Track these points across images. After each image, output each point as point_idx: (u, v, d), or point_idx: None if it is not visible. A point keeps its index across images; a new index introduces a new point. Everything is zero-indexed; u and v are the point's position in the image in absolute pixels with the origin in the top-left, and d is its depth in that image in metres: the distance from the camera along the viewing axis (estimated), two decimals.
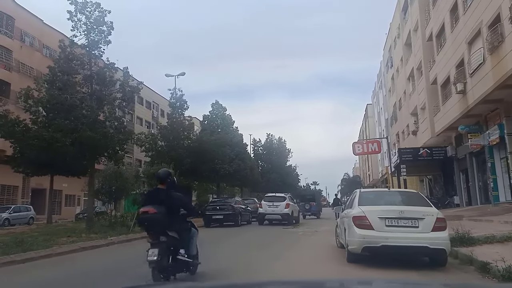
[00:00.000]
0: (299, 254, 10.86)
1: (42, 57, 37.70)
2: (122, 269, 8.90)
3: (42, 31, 39.47)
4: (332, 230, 19.72)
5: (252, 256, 10.50)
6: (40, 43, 39.57)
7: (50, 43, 37.39)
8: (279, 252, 11.17)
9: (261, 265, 8.95)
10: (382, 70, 51.88)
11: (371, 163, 69.11)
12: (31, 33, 38.33)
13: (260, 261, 9.45)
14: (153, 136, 24.38)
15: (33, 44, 38.67)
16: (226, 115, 32.16)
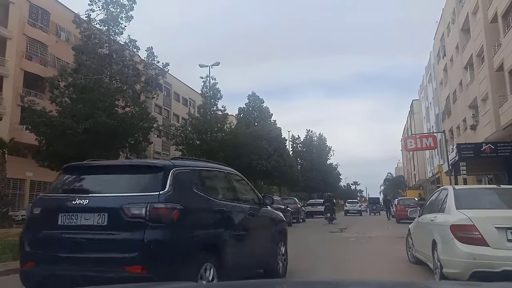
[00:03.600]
0: (363, 272, 7.85)
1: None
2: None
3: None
4: (388, 236, 16.68)
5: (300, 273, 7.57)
6: (76, 37, 38.53)
7: None
8: (336, 267, 8.29)
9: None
10: (432, 61, 47.52)
11: (417, 162, 64.37)
12: (67, 27, 37.25)
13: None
14: (183, 128, 22.16)
15: (68, 39, 37.59)
16: (263, 107, 29.43)
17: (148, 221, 4.02)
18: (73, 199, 4.28)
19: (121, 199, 4.15)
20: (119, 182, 4.57)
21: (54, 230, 4.29)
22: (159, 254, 4.02)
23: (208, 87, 22.15)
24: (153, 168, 4.59)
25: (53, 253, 4.20)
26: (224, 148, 21.33)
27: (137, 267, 3.92)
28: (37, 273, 4.28)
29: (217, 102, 22.45)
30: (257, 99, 29.36)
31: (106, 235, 4.11)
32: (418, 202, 22.63)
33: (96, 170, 4.93)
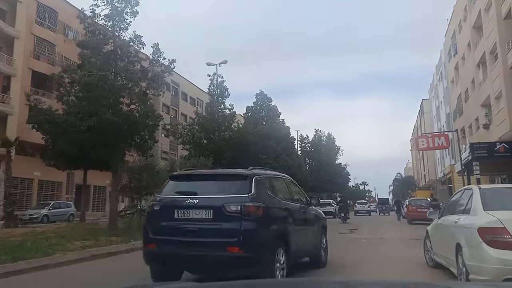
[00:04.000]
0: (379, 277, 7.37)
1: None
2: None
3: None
4: (401, 237, 16.12)
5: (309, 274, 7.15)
6: (84, 37, 38.44)
7: None
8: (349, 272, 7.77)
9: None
10: (443, 59, 46.68)
11: (427, 162, 63.44)
12: (74, 26, 37.09)
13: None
14: (190, 127, 21.76)
15: (76, 38, 37.40)
16: (271, 106, 28.86)
17: (242, 215, 5.50)
18: (185, 199, 5.82)
19: (222, 199, 5.66)
20: (218, 186, 6.13)
21: (171, 222, 5.80)
22: (251, 239, 5.47)
23: (215, 85, 21.76)
24: (241, 176, 6.07)
25: (171, 238, 5.74)
26: (232, 147, 20.90)
27: (236, 248, 5.41)
28: (158, 253, 5.87)
29: (225, 101, 22.10)
30: (265, 97, 28.84)
31: (211, 225, 5.62)
32: (430, 203, 21.98)
33: (197, 177, 6.66)
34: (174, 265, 5.99)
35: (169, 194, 6.19)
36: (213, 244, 5.54)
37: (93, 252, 10.14)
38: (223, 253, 5.46)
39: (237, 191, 5.78)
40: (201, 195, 5.82)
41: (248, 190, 5.74)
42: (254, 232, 5.54)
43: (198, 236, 5.64)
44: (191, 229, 5.68)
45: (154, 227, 5.98)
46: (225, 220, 5.56)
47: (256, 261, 5.46)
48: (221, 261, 5.52)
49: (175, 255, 5.74)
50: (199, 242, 5.62)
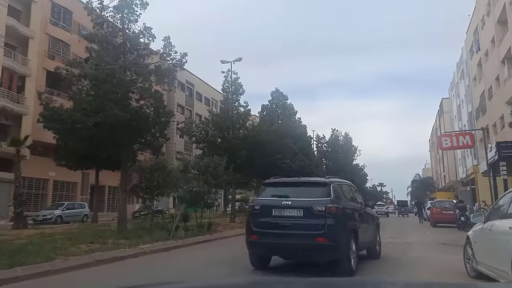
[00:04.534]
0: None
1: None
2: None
3: None
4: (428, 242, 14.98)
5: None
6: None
7: None
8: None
9: None
10: (464, 57, 44.99)
11: (447, 163, 61.53)
12: (89, 26, 36.85)
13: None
14: (204, 125, 20.94)
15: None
16: (287, 104, 27.82)
17: (326, 214, 6.93)
18: (281, 201, 7.28)
19: (310, 201, 7.11)
20: (305, 191, 7.61)
21: (269, 218, 7.25)
22: (333, 231, 6.86)
23: (229, 82, 20.91)
24: (322, 183, 7.71)
25: (270, 231, 7.19)
26: (247, 146, 20.02)
27: (322, 238, 6.80)
28: (259, 242, 7.36)
29: (239, 98, 21.22)
30: (280, 95, 27.82)
31: (302, 221, 7.04)
32: (457, 205, 20.72)
33: (288, 184, 8.15)
34: (272, 252, 7.77)
35: (266, 197, 7.77)
36: (304, 235, 7.06)
37: (97, 256, 9.36)
38: (312, 242, 6.99)
39: (320, 195, 7.32)
40: (292, 198, 7.35)
41: (329, 194, 7.32)
42: (335, 226, 7.03)
43: (292, 229, 7.14)
44: (286, 224, 7.18)
45: (256, 222, 7.50)
46: (313, 217, 7.05)
47: (337, 248, 6.99)
48: (310, 249, 7.14)
49: (273, 244, 7.33)
50: (293, 234, 7.13)
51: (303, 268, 7.73)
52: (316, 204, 7.09)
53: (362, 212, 8.63)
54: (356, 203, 8.59)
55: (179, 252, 11.61)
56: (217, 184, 18.10)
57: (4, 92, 29.15)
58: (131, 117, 11.77)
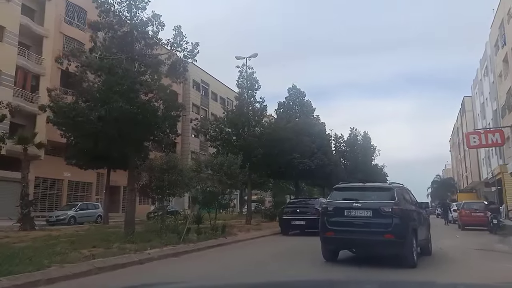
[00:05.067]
0: None
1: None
2: None
3: None
4: (463, 247, 13.44)
5: None
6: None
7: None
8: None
9: None
10: (488, 52, 42.93)
11: (470, 163, 59.18)
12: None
13: None
14: (218, 122, 19.85)
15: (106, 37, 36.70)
16: (305, 101, 26.47)
17: (393, 214, 8.15)
18: (352, 203, 8.46)
19: (378, 204, 8.35)
20: (372, 195, 8.83)
21: (342, 218, 8.45)
22: (399, 229, 8.07)
23: (244, 77, 19.79)
24: (387, 188, 9.20)
25: (343, 228, 8.36)
26: (263, 143, 18.87)
27: (390, 235, 8.02)
28: (334, 237, 8.58)
29: (255, 94, 20.06)
30: (298, 92, 26.48)
31: (371, 221, 8.20)
32: (488, 207, 19.16)
33: (356, 189, 9.47)
34: (346, 246, 8.96)
35: (338, 200, 8.86)
36: (374, 232, 8.04)
37: (98, 263, 8.30)
38: (381, 238, 8.01)
39: (386, 198, 8.41)
40: (362, 201, 8.43)
41: (393, 197, 8.41)
42: (401, 225, 8.06)
43: (363, 227, 8.12)
44: (357, 223, 8.20)
45: (330, 221, 8.55)
46: (381, 217, 8.10)
47: (402, 244, 7.97)
48: (379, 244, 8.15)
49: (347, 239, 8.43)
50: (364, 231, 8.11)
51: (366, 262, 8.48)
52: (383, 206, 8.23)
53: (418, 213, 9.76)
54: (414, 205, 9.77)
55: (189, 258, 10.52)
56: (232, 184, 17.04)
57: (18, 91, 28.65)
58: (137, 111, 10.74)
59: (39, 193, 32.24)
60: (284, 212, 16.90)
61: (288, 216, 16.53)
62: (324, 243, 8.88)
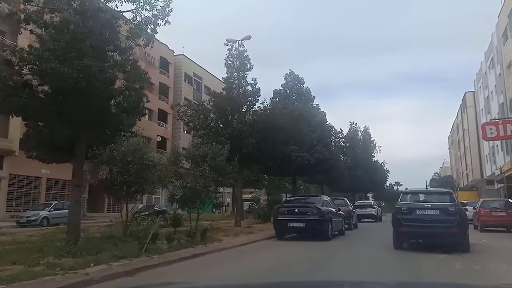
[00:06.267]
0: None
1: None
2: None
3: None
4: (502, 253, 10.68)
5: None
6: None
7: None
8: None
9: None
10: (495, 43, 40.05)
11: (471, 160, 56.38)
12: None
13: None
14: (202, 107, 16.61)
15: None
16: (303, 89, 23.37)
17: (456, 212, 10.32)
18: (423, 205, 10.75)
19: (444, 205, 10.56)
20: (437, 197, 11.26)
21: (414, 216, 10.48)
22: (461, 224, 10.25)
23: (234, 55, 16.70)
24: (448, 192, 11.76)
25: (416, 224, 10.33)
26: (255, 132, 15.82)
27: (455, 229, 10.03)
28: (409, 231, 10.62)
29: (246, 75, 16.95)
30: (296, 78, 23.24)
31: (439, 217, 10.28)
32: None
33: (423, 192, 12.36)
34: (418, 237, 11.01)
35: (410, 202, 11.18)
36: (441, 227, 10.24)
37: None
38: (447, 231, 10.17)
39: (448, 200, 10.86)
40: (430, 202, 10.87)
41: (453, 200, 11.04)
42: (462, 221, 10.47)
43: (433, 223, 10.29)
44: (427, 219, 10.36)
45: (404, 218, 10.64)
46: (447, 215, 10.34)
47: (463, 235, 10.25)
48: (446, 235, 10.25)
49: (418, 232, 10.62)
50: (434, 225, 10.29)
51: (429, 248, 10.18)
52: (449, 206, 10.52)
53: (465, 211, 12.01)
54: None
55: (149, 276, 7.45)
56: (219, 179, 14.00)
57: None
58: (79, 77, 7.68)
59: (14, 191, 29.11)
60: (280, 212, 13.81)
61: (284, 217, 13.45)
62: (399, 235, 10.91)
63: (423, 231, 10.40)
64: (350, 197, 38.24)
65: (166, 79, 45.95)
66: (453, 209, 10.35)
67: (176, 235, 11.30)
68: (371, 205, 28.91)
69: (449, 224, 10.10)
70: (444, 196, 11.23)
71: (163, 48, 47.38)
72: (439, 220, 10.23)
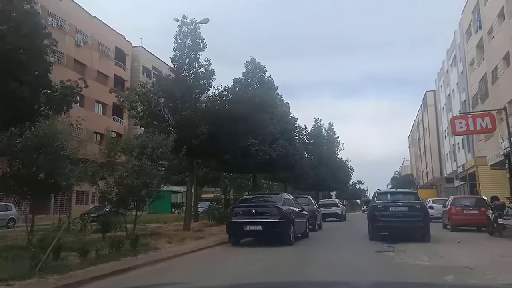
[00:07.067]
0: None
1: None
2: None
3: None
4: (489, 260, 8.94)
5: None
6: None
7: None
8: None
9: None
10: (458, 41, 39.77)
11: (431, 159, 56.60)
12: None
13: None
14: (145, 90, 13.95)
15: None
16: (266, 78, 21.35)
17: (421, 209, 12.79)
18: (395, 203, 12.86)
19: (411, 202, 12.83)
20: (405, 196, 13.53)
21: (388, 212, 12.59)
22: (425, 218, 12.72)
23: (185, 33, 14.28)
24: (413, 192, 15.27)
25: (389, 219, 12.34)
26: (209, 121, 13.53)
27: (421, 223, 12.23)
28: (384, 226, 12.43)
29: (199, 55, 14.59)
30: (257, 66, 20.96)
31: (408, 213, 12.40)
32: (494, 204, 14.85)
33: (394, 193, 14.62)
34: (390, 230, 12.43)
35: (384, 200, 13.24)
36: (410, 221, 12.17)
37: None
38: (414, 225, 12.21)
39: (414, 199, 13.13)
40: (400, 201, 12.93)
41: (418, 198, 13.41)
42: (426, 216, 12.68)
43: (402, 218, 12.21)
44: (398, 215, 12.31)
45: (380, 214, 12.45)
46: (414, 211, 12.40)
47: (426, 228, 12.32)
48: (413, 228, 12.33)
49: (391, 226, 12.30)
50: (402, 220, 12.20)
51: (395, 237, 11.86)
52: (415, 204, 12.79)
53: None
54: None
55: None
56: (163, 174, 11.69)
57: None
58: None
59: None
60: (234, 213, 11.59)
61: (239, 218, 11.28)
62: (375, 229, 12.54)
63: (395, 225, 12.30)
64: (314, 195, 36.68)
65: (122, 72, 42.79)
66: (419, 206, 12.70)
67: (103, 243, 8.94)
68: (335, 203, 27.37)
69: (416, 219, 12.29)
70: (410, 195, 13.84)
71: (119, 38, 44.09)
72: (408, 216, 12.33)
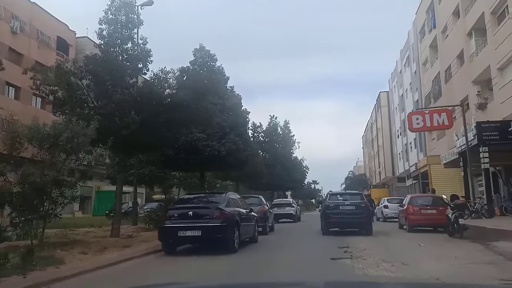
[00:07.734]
0: None
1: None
2: None
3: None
4: (459, 271, 7.46)
5: None
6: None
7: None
8: None
9: None
10: (411, 41, 39.97)
11: (384, 159, 57.22)
12: None
13: None
14: (61, 67, 11.64)
15: None
16: (215, 67, 19.35)
17: (364, 207, 15.03)
18: (344, 202, 15.25)
19: (358, 202, 15.32)
20: (353, 197, 16.01)
21: (338, 210, 14.80)
22: (368, 215, 15.22)
23: (117, 7, 12.14)
24: (359, 194, 17.93)
25: (339, 216, 14.65)
26: (142, 108, 11.52)
27: (364, 218, 14.67)
28: (335, 221, 14.91)
29: (134, 33, 12.47)
30: (207, 55, 18.90)
31: (354, 211, 14.71)
32: (455, 203, 13.94)
33: (343, 194, 17.99)
34: (340, 225, 14.75)
35: (336, 200, 15.46)
36: (356, 217, 14.32)
37: None
38: (360, 221, 14.35)
39: (360, 199, 15.63)
40: (348, 200, 15.18)
41: (363, 198, 16.06)
42: (369, 213, 15.23)
43: (351, 215, 14.38)
44: (347, 212, 14.44)
45: (332, 212, 14.63)
46: (359, 209, 14.59)
47: (369, 223, 14.86)
48: (358, 223, 14.46)
49: (341, 222, 14.56)
50: (351, 217, 14.32)
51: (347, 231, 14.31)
52: (360, 203, 15.12)
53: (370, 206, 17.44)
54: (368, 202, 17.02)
55: None
56: (81, 169, 9.59)
57: None
58: None
59: None
60: (168, 216, 9.68)
61: (173, 222, 9.38)
62: (327, 225, 14.72)
63: (344, 221, 14.47)
64: (269, 195, 35.30)
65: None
66: (363, 205, 14.90)
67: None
68: (289, 203, 26.05)
69: (360, 216, 14.37)
70: (357, 196, 16.46)
71: (61, 27, 40.29)
72: (354, 213, 14.42)
